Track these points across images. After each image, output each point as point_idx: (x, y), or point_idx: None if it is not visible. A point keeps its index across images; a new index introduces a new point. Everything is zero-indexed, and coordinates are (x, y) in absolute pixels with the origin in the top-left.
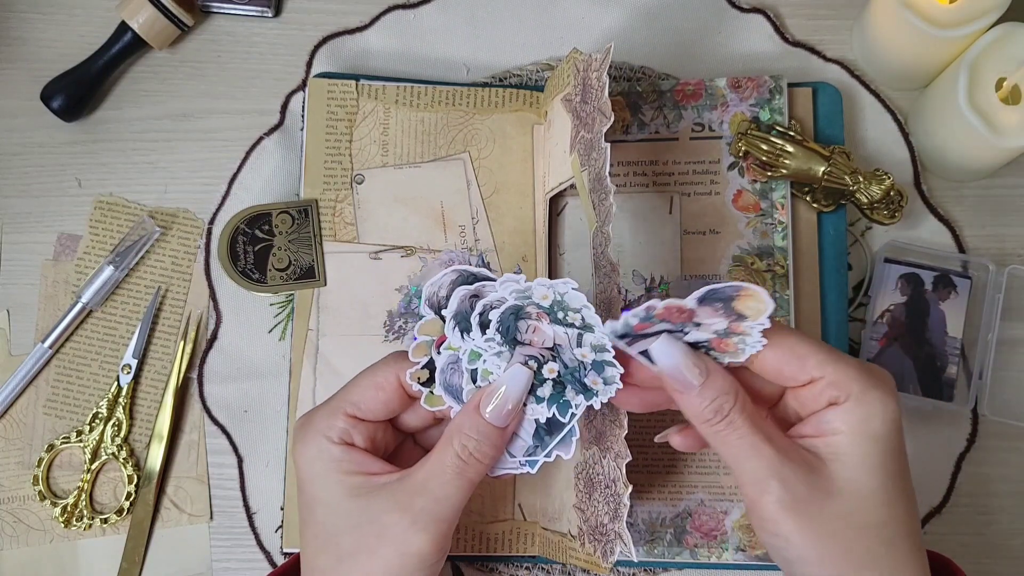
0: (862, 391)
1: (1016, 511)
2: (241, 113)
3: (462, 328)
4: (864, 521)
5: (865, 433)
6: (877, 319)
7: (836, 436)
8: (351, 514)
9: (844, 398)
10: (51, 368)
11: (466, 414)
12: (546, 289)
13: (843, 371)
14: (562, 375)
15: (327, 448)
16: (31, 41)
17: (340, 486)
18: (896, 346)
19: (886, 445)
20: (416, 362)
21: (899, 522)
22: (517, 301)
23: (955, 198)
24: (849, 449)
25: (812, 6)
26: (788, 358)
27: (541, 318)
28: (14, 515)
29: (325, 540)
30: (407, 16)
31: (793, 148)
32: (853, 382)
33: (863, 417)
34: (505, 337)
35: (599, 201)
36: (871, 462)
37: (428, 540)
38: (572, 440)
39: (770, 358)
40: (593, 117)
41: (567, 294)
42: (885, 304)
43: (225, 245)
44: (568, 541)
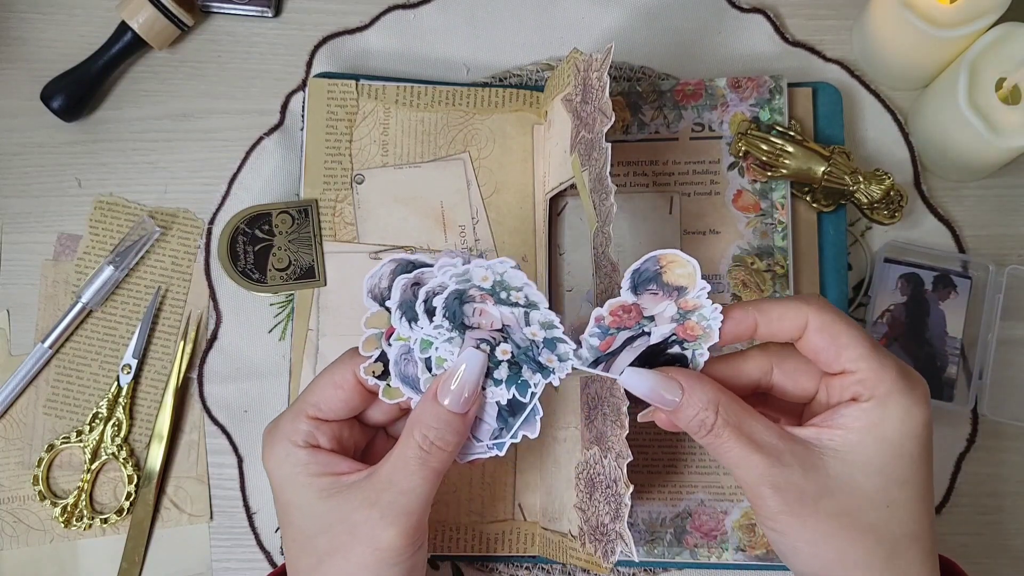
0: (887, 394)
1: (1016, 511)
2: (241, 113)
3: (409, 317)
4: (861, 523)
5: (875, 434)
6: (877, 319)
7: (844, 432)
8: (323, 515)
9: (867, 397)
10: (51, 368)
11: (424, 404)
12: (484, 270)
13: (876, 371)
14: (516, 355)
15: (293, 452)
16: (31, 41)
17: (310, 488)
18: (896, 346)
19: (898, 450)
20: (368, 356)
21: (903, 528)
22: (459, 285)
23: (955, 198)
24: (854, 447)
25: (812, 6)
26: (828, 344)
27: (485, 300)
28: (14, 515)
29: (303, 542)
30: (407, 16)
31: (793, 148)
32: (882, 383)
33: (878, 419)
34: (453, 322)
35: (600, 201)
36: (874, 464)
37: (397, 533)
38: (536, 419)
39: (813, 339)
40: (594, 117)
41: (506, 273)
42: (885, 304)
43: (225, 245)
44: (568, 541)
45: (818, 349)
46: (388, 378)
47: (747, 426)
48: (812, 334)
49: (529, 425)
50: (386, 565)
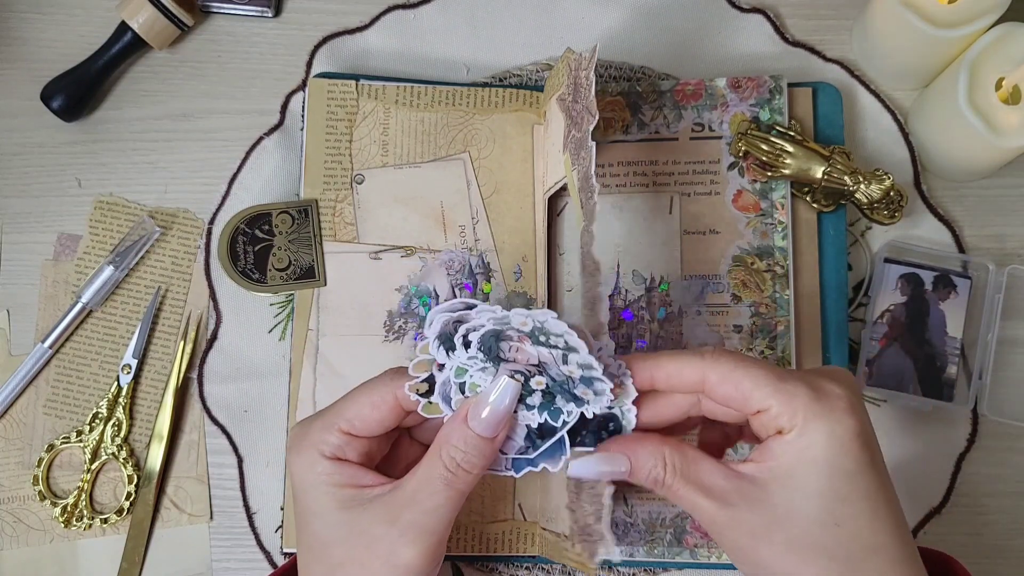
0: (806, 420)
1: (1016, 511)
2: (241, 113)
3: (447, 347)
4: (813, 545)
5: (804, 460)
6: (877, 319)
7: (775, 462)
8: (342, 526)
9: (789, 428)
10: (51, 368)
11: (453, 425)
12: (524, 318)
13: (787, 403)
14: (551, 387)
15: (319, 461)
16: (31, 41)
17: (331, 498)
18: (896, 346)
19: (831, 470)
20: (416, 376)
21: (859, 543)
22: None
23: (955, 198)
24: (789, 475)
25: (812, 6)
26: (733, 392)
27: (523, 340)
28: (14, 515)
29: (319, 551)
30: (407, 16)
31: (793, 148)
32: (797, 413)
33: (803, 446)
34: (488, 355)
35: (586, 200)
36: (812, 488)
37: (417, 553)
38: (560, 457)
39: (717, 391)
40: (582, 116)
41: (547, 322)
42: (885, 304)
43: (225, 245)
44: (563, 541)
45: (726, 398)
46: (430, 396)
47: (694, 473)
48: (714, 386)
49: (553, 459)
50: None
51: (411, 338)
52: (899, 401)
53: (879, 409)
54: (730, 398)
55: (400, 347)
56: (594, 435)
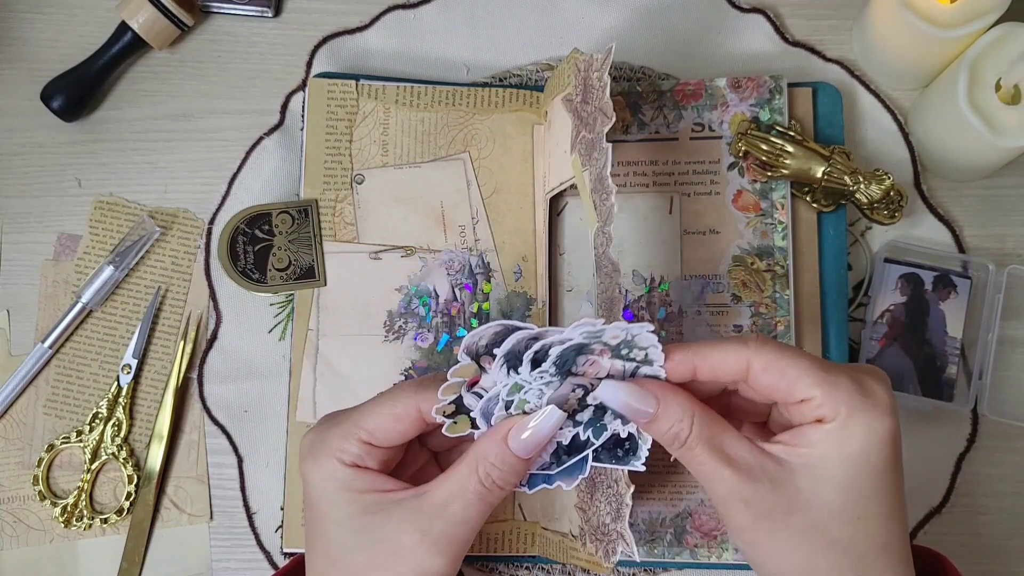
0: (849, 414)
1: (1016, 511)
2: (241, 113)
3: (510, 365)
4: (829, 537)
5: (840, 452)
6: (877, 319)
7: (809, 449)
8: (365, 531)
9: (830, 419)
10: (51, 368)
11: (492, 442)
12: (620, 331)
13: (832, 394)
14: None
15: (339, 469)
16: (31, 41)
17: (353, 504)
18: (896, 346)
19: (863, 466)
20: (444, 399)
21: (873, 540)
22: (584, 340)
23: (955, 198)
24: (820, 465)
25: (812, 6)
26: (777, 381)
27: (604, 354)
28: (14, 515)
29: (336, 557)
30: (407, 16)
31: (793, 148)
32: (841, 405)
33: (841, 439)
34: (560, 369)
35: (600, 201)
36: (841, 480)
37: (446, 563)
38: (578, 476)
39: (761, 379)
40: (594, 117)
41: (639, 335)
42: (885, 304)
43: (225, 245)
44: (569, 541)
45: (769, 388)
46: (456, 417)
47: (720, 440)
48: (758, 375)
49: (570, 477)
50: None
51: (411, 338)
52: (899, 401)
53: None
54: (773, 387)
55: (400, 347)
56: (609, 452)
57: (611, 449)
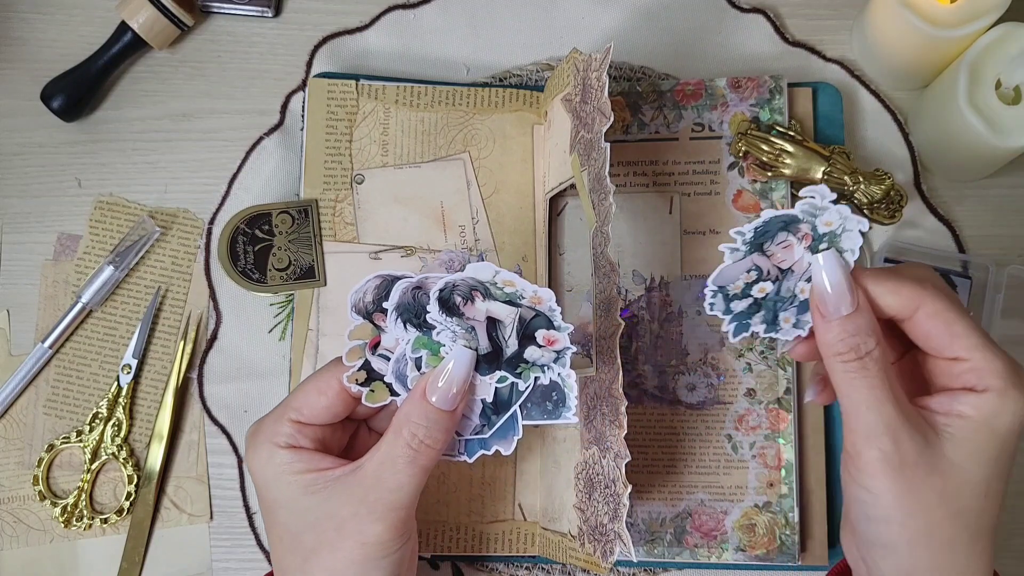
0: (1004, 387)
1: (1016, 511)
2: (241, 113)
3: (404, 319)
4: (959, 507)
5: (991, 426)
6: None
7: (961, 420)
8: (309, 511)
9: (983, 388)
10: (51, 368)
11: (412, 402)
12: (838, 218)
13: (990, 362)
14: (769, 297)
15: (275, 453)
16: (31, 41)
17: (295, 485)
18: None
19: (1006, 445)
20: (351, 365)
21: (989, 519)
22: (798, 214)
23: (955, 198)
24: (970, 436)
25: (812, 6)
26: (941, 331)
27: (806, 239)
28: (14, 515)
29: (289, 541)
30: (407, 16)
31: (793, 148)
32: (997, 376)
33: (993, 412)
34: (450, 315)
35: (599, 201)
36: (986, 455)
37: (385, 528)
38: (513, 437)
39: (925, 324)
40: (593, 117)
41: (850, 232)
42: None
43: (225, 245)
44: (568, 541)
45: (930, 334)
46: (371, 384)
47: (890, 374)
48: (924, 319)
49: (505, 440)
50: (373, 559)
51: None
52: None
53: None
54: (934, 336)
55: None
56: (539, 406)
57: (539, 403)
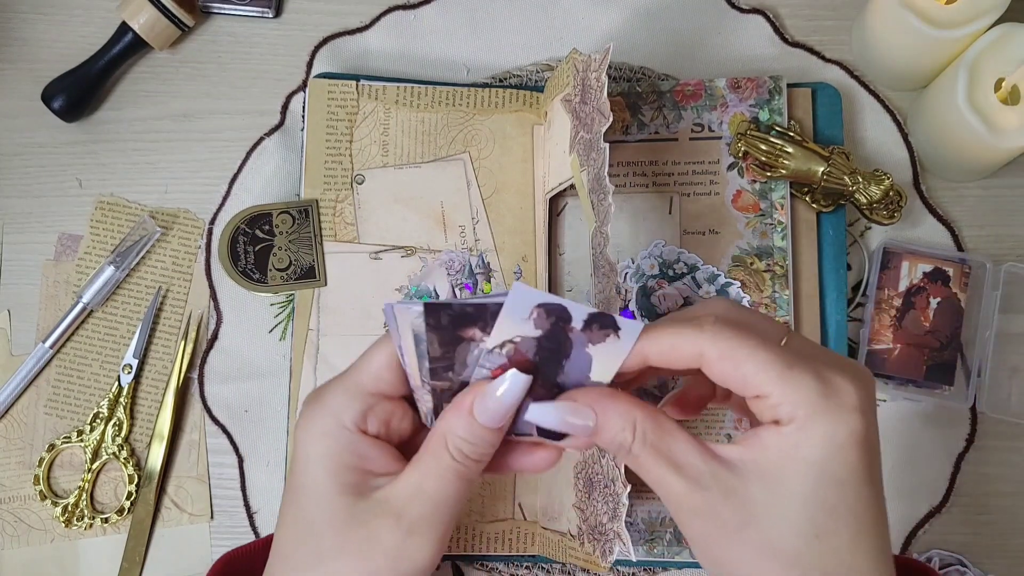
0: (807, 416)
1: (1016, 510)
2: (242, 113)
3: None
4: (787, 555)
5: (796, 458)
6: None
7: (764, 453)
8: (339, 512)
9: (788, 420)
10: (52, 368)
11: (457, 416)
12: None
13: (790, 394)
14: None
15: (335, 433)
16: (32, 41)
17: (334, 479)
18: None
19: (823, 475)
20: None
21: (837, 559)
22: None
23: (954, 198)
24: (776, 473)
25: (811, 7)
26: (732, 372)
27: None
28: (15, 515)
29: (306, 532)
30: (407, 17)
31: (792, 148)
32: (800, 406)
33: (798, 442)
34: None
35: (598, 201)
36: (798, 491)
37: (425, 544)
38: None
39: (715, 369)
40: (592, 117)
41: None
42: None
43: (226, 245)
44: (568, 540)
45: (724, 378)
46: None
47: (666, 445)
48: (713, 363)
49: None
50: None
51: None
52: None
53: (879, 409)
54: (728, 378)
55: None
56: None
57: None
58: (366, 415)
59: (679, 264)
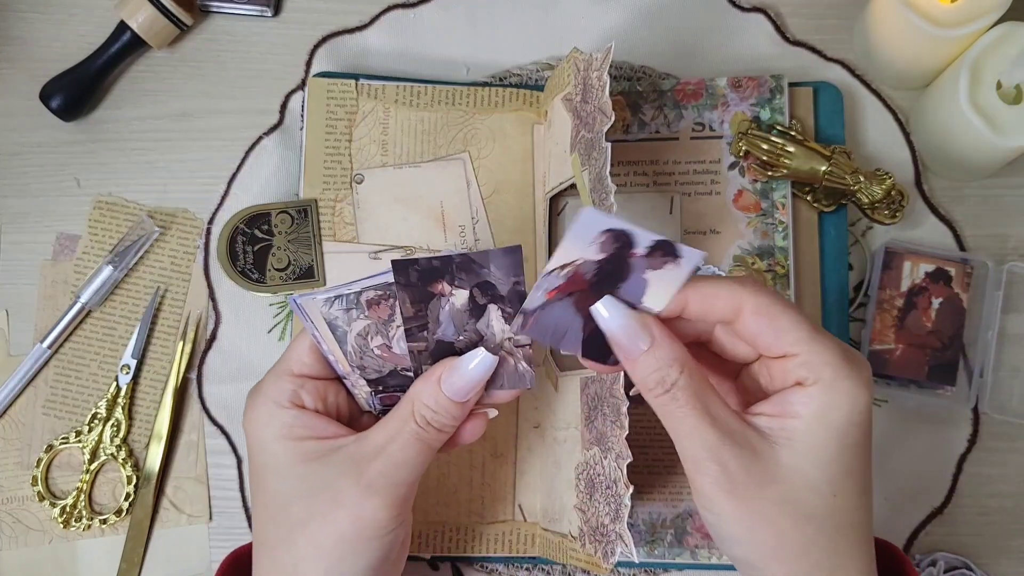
0: (833, 378)
1: (1017, 511)
2: (240, 113)
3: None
4: (805, 511)
5: (824, 422)
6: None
7: (793, 420)
8: (303, 479)
9: (812, 381)
10: (50, 368)
11: (426, 385)
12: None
13: (819, 354)
14: None
15: (277, 413)
16: (30, 40)
17: (292, 451)
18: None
19: (845, 438)
20: None
21: (846, 517)
22: None
23: (956, 198)
24: (803, 436)
25: (813, 5)
26: (766, 327)
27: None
28: (13, 516)
29: (276, 510)
30: (407, 16)
31: (794, 148)
32: (826, 367)
33: (826, 406)
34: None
35: (600, 201)
36: (823, 454)
37: (384, 505)
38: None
39: (750, 323)
40: (594, 117)
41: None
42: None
43: (224, 245)
44: (568, 542)
45: (756, 332)
46: None
47: (705, 397)
48: (748, 317)
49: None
50: (364, 538)
51: None
52: (898, 400)
53: (880, 409)
54: (760, 334)
55: None
56: None
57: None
58: (299, 393)
59: None
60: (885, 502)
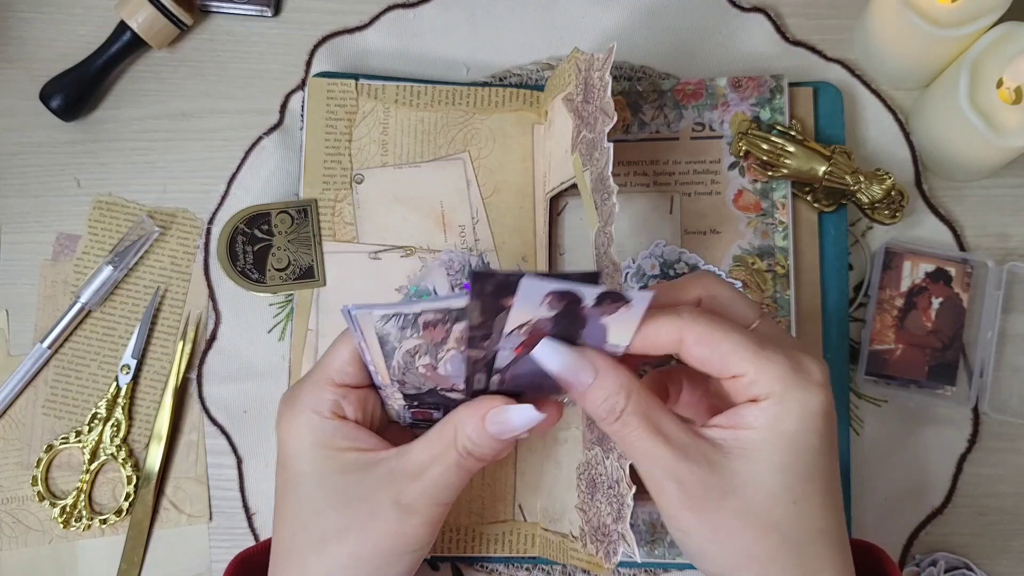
0: (784, 390)
1: (1017, 511)
2: (240, 113)
3: None
4: (767, 520)
5: (776, 431)
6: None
7: (746, 431)
8: (341, 490)
9: (764, 397)
10: (50, 368)
11: (472, 417)
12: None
13: (766, 371)
14: None
15: (317, 424)
16: (30, 40)
17: (332, 461)
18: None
19: (799, 446)
20: None
21: (811, 523)
22: None
23: (956, 198)
24: (757, 445)
25: (813, 5)
26: (709, 354)
27: None
28: (13, 516)
29: (307, 519)
30: (407, 15)
31: (794, 148)
32: (775, 381)
33: (777, 415)
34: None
35: (602, 201)
36: (778, 460)
37: (423, 523)
38: None
39: (694, 352)
40: (595, 117)
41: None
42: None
43: (224, 245)
44: (569, 542)
45: (701, 360)
46: None
47: (656, 416)
48: (691, 347)
49: None
50: (399, 552)
51: None
52: (899, 400)
53: (880, 409)
54: (706, 360)
55: None
56: None
57: None
58: (340, 403)
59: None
60: (885, 502)
